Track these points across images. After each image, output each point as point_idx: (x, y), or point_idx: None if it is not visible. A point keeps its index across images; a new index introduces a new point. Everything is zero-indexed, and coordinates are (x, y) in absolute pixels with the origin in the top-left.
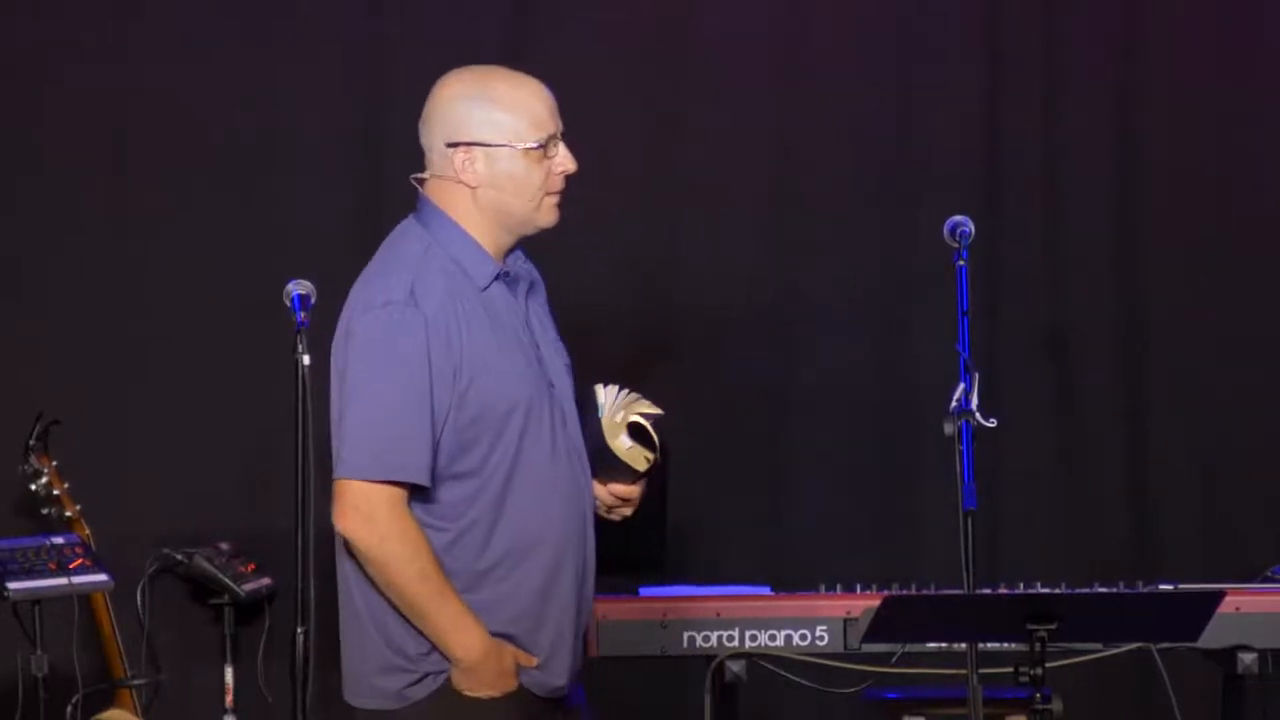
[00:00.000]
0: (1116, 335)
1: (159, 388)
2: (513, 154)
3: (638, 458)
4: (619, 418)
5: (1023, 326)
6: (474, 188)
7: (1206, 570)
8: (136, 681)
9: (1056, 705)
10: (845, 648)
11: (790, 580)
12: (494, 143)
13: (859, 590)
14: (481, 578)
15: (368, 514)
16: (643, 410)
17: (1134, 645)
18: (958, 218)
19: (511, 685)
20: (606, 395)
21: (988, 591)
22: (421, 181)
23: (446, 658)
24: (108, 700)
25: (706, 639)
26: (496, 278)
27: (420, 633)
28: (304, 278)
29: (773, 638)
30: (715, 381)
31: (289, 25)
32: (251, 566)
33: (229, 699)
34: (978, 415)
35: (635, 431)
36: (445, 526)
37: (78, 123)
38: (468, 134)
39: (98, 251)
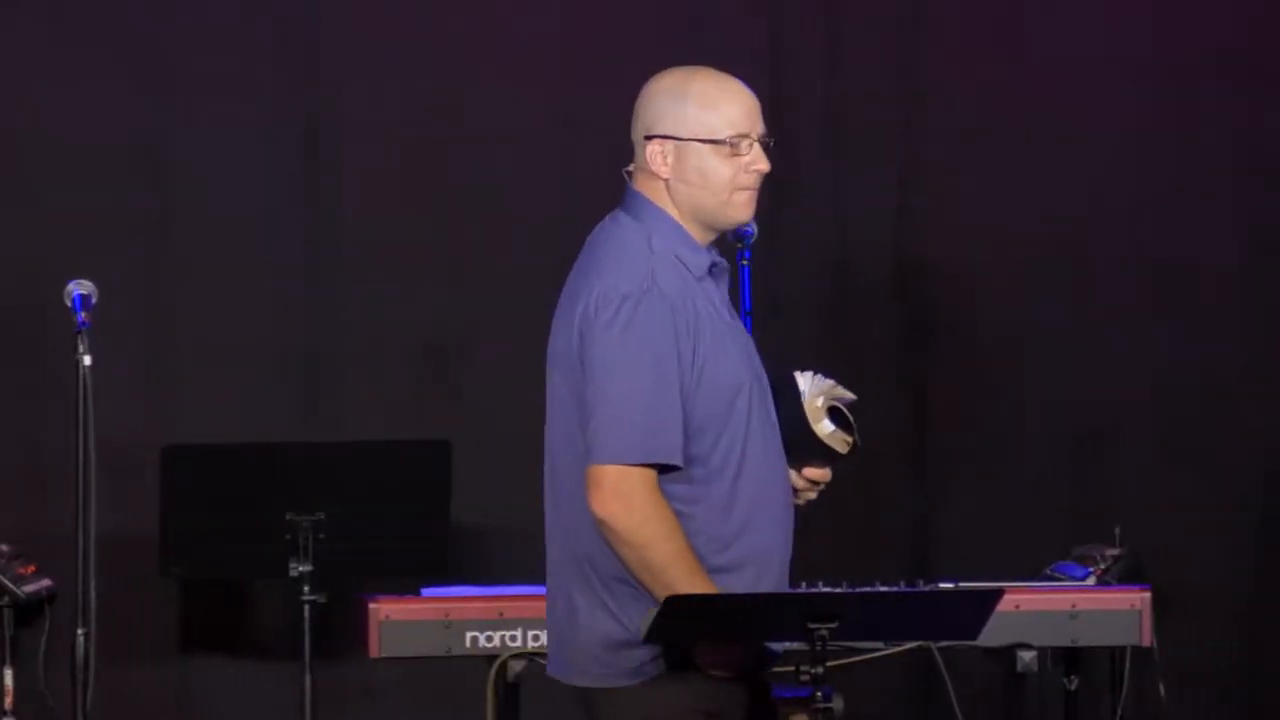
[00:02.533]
0: (897, 335)
1: None
2: (700, 149)
3: (839, 441)
4: (819, 402)
5: (807, 325)
6: (665, 180)
7: (986, 569)
8: None
9: (838, 704)
10: None
11: None
12: (682, 136)
13: None
14: (718, 559)
15: (628, 497)
16: (839, 395)
17: (914, 644)
18: None
19: (746, 665)
20: (804, 381)
21: (769, 591)
22: (630, 175)
23: None
24: None
25: (490, 639)
26: (710, 268)
27: None
28: (82, 278)
29: None
30: (501, 379)
31: (66, 28)
32: (32, 568)
33: (8, 701)
34: None
35: (834, 415)
36: (682, 510)
37: None
38: (661, 128)
39: None
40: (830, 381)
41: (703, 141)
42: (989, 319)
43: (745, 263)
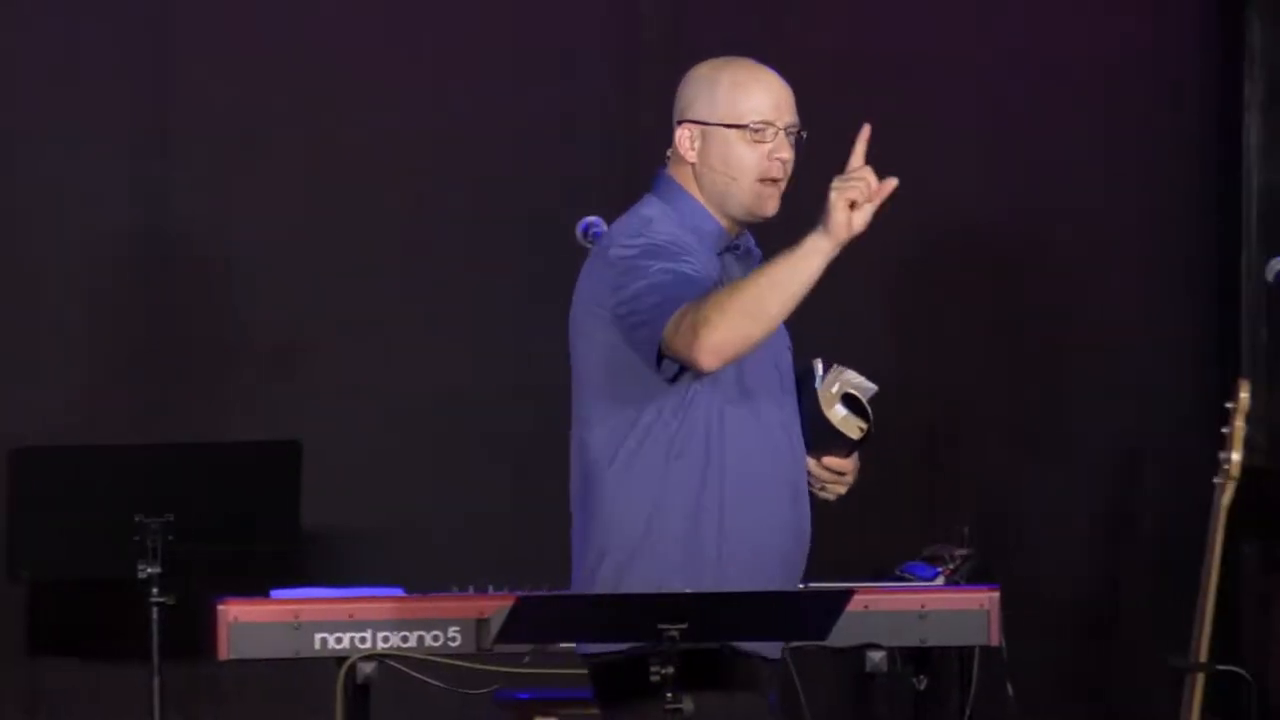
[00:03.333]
0: None
1: None
2: (725, 134)
3: (852, 427)
4: (834, 389)
5: None
6: (692, 165)
7: (837, 569)
8: None
9: (688, 705)
10: (478, 648)
11: (423, 582)
12: (709, 121)
13: (491, 592)
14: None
15: (686, 335)
16: (858, 384)
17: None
18: (591, 218)
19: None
20: (821, 368)
21: (619, 592)
22: (666, 161)
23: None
24: None
25: (339, 640)
26: (729, 248)
27: None
28: None
29: (405, 639)
30: (352, 380)
31: None
32: None
33: None
34: None
35: (849, 402)
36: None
37: None
38: (692, 113)
39: None
40: (851, 372)
41: (728, 126)
42: (824, 333)
43: None
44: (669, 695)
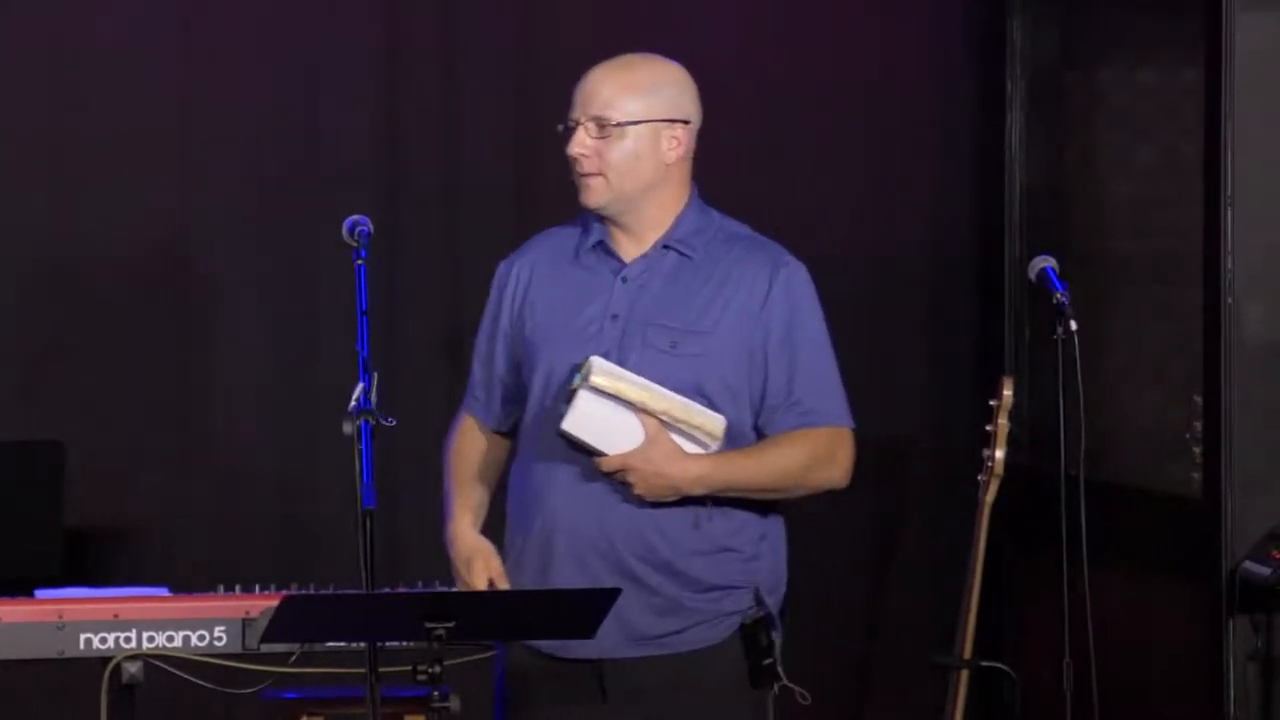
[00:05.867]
0: None
1: None
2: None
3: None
4: (575, 384)
5: (422, 326)
6: None
7: None
8: None
9: (455, 703)
10: (244, 648)
11: (189, 581)
12: None
13: (258, 591)
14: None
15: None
16: (598, 383)
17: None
18: (356, 216)
19: None
20: (589, 365)
21: (386, 590)
22: None
23: None
24: None
25: (104, 640)
26: (593, 247)
27: None
28: None
29: (170, 639)
30: (118, 378)
31: None
32: None
33: None
34: (377, 415)
35: (568, 400)
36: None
37: None
38: None
39: None
40: (605, 371)
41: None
42: None
43: (361, 262)
44: (435, 694)
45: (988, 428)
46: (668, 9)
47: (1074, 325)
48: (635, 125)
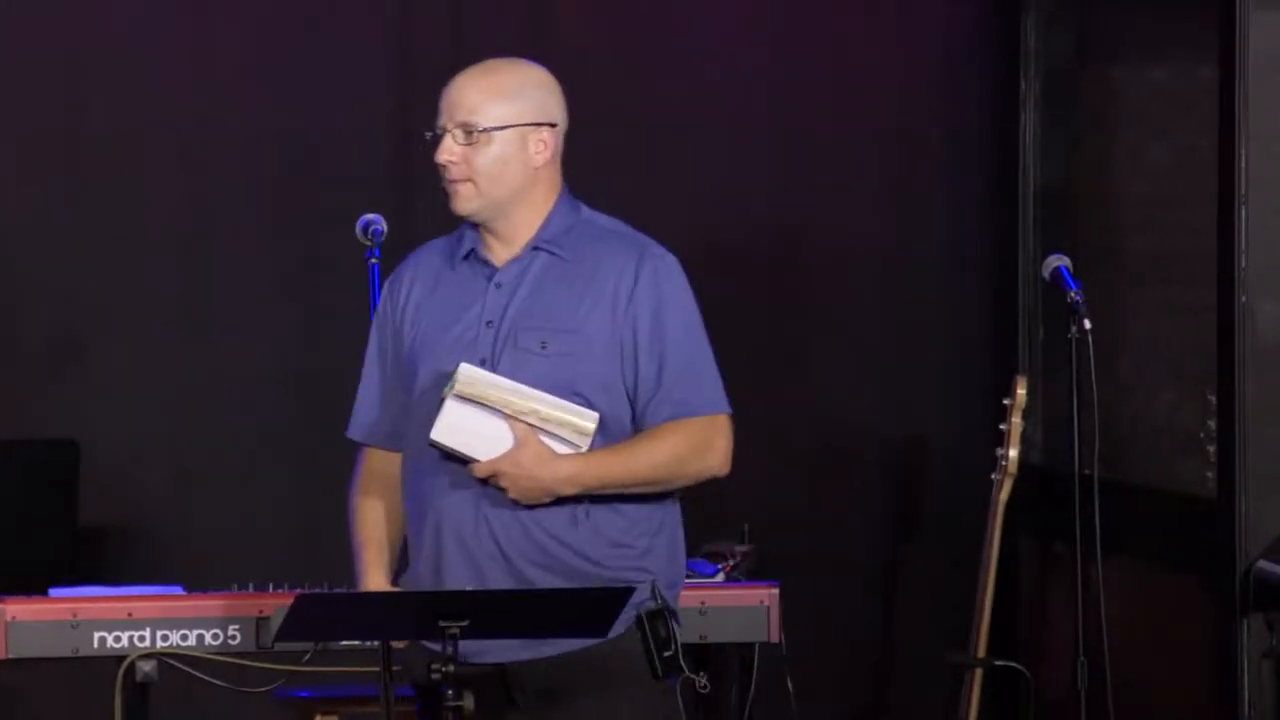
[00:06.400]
0: None
1: None
2: None
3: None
4: (444, 392)
5: None
6: None
7: None
8: None
9: (468, 701)
10: (258, 646)
11: (203, 580)
12: None
13: (272, 590)
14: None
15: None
16: (463, 390)
17: None
18: (371, 216)
19: None
20: (456, 373)
21: (400, 589)
22: None
23: None
24: None
25: (118, 639)
26: (466, 255)
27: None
28: None
29: (184, 637)
30: (132, 378)
31: None
32: None
33: None
34: None
35: (437, 409)
36: None
37: None
38: None
39: None
40: (470, 378)
41: None
42: None
43: (375, 261)
44: (449, 693)
45: (1001, 426)
46: (669, 8)
47: (1088, 324)
48: (502, 130)
